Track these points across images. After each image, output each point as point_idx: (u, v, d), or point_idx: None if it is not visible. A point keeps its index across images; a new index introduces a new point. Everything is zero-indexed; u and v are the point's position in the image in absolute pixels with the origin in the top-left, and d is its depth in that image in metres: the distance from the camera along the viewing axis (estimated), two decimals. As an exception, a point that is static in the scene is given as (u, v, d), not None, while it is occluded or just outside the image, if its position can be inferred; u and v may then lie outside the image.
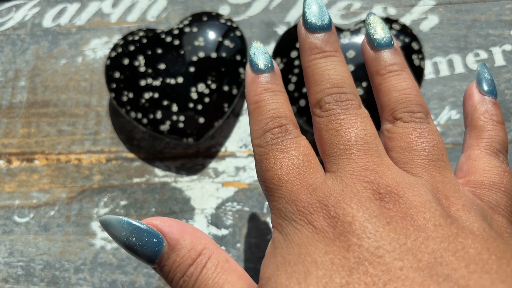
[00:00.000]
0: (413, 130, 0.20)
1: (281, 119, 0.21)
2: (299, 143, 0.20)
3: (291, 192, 0.19)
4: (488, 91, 0.23)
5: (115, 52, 0.38)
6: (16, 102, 0.41)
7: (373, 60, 0.23)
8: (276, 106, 0.21)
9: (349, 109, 0.20)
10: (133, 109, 0.37)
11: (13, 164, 0.39)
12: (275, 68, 0.23)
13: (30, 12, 0.45)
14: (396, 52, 0.23)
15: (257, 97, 0.22)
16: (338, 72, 0.21)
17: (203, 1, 0.44)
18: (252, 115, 0.22)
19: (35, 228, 0.37)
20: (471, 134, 0.23)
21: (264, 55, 0.23)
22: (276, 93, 0.22)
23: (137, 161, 0.39)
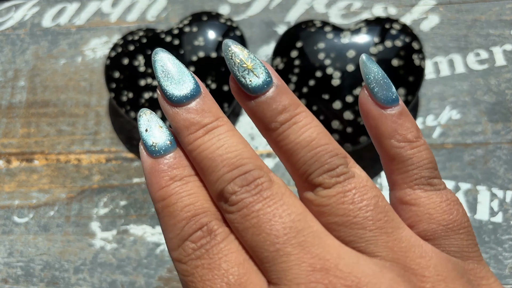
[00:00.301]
0: (342, 196, 0.16)
1: (200, 217, 0.16)
2: (228, 248, 0.16)
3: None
4: (386, 100, 0.18)
5: (114, 52, 0.38)
6: (15, 102, 0.41)
7: (256, 111, 0.18)
8: (190, 201, 0.17)
9: (261, 193, 0.16)
10: (133, 109, 0.37)
11: (12, 164, 0.39)
12: (177, 143, 0.18)
13: (30, 12, 0.45)
14: (280, 89, 0.18)
15: (162, 192, 0.17)
16: (230, 147, 0.17)
17: (203, 0, 0.43)
18: (162, 217, 0.17)
19: (34, 228, 0.37)
20: (390, 168, 0.18)
21: (159, 130, 0.18)
22: (185, 181, 0.17)
23: (137, 161, 0.38)
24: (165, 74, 0.18)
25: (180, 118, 0.17)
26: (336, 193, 0.16)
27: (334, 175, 0.17)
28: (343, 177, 0.17)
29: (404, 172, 0.18)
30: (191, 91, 0.17)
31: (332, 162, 0.17)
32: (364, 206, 0.16)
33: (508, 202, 0.35)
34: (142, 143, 0.18)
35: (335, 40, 0.37)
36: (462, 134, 0.37)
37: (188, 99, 0.17)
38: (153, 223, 0.36)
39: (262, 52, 0.41)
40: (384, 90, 0.18)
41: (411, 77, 0.35)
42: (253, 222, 0.16)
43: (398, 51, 0.36)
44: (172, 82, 0.18)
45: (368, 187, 0.17)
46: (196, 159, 0.17)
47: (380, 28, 0.37)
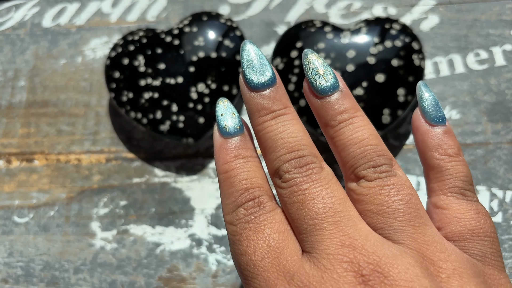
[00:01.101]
0: (381, 189, 0.19)
1: (254, 190, 0.19)
2: (274, 218, 0.19)
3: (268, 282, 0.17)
4: (435, 119, 0.21)
5: (114, 52, 0.38)
6: (15, 102, 0.41)
7: (320, 109, 0.21)
8: (248, 176, 0.20)
9: (311, 175, 0.19)
10: (132, 109, 0.37)
11: (12, 164, 0.39)
12: (245, 129, 0.21)
13: (30, 12, 0.45)
14: (344, 94, 0.20)
15: (226, 166, 0.20)
16: (292, 133, 0.20)
17: (203, 0, 0.43)
18: (222, 187, 0.20)
19: (34, 229, 0.37)
20: (430, 176, 0.21)
21: (232, 116, 0.21)
22: (247, 160, 0.20)
23: (137, 161, 0.38)
24: (249, 63, 0.20)
25: (254, 101, 0.20)
26: (376, 185, 0.19)
27: (377, 171, 0.19)
28: (385, 174, 0.19)
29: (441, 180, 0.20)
30: (268, 80, 0.20)
31: (378, 160, 0.19)
32: (398, 200, 0.18)
33: (508, 202, 0.35)
34: (216, 125, 0.21)
35: (335, 40, 0.37)
36: (462, 134, 0.37)
37: (264, 87, 0.20)
38: (153, 223, 0.36)
39: (262, 52, 0.41)
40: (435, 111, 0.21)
41: (411, 77, 0.35)
42: (299, 198, 0.18)
43: (398, 51, 0.36)
44: (253, 70, 0.20)
45: (405, 186, 0.19)
46: (261, 139, 0.20)
47: (380, 28, 0.37)
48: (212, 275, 0.35)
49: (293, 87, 0.36)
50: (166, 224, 0.36)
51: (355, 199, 0.19)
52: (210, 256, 0.35)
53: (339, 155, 0.20)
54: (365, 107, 0.35)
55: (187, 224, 0.36)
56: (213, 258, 0.35)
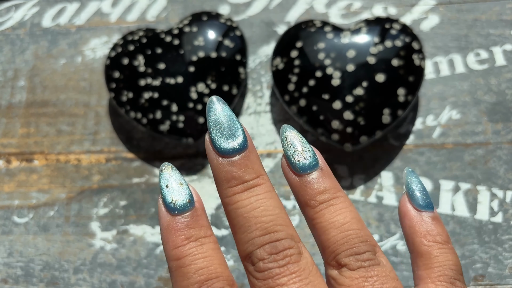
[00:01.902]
0: (364, 280, 0.17)
1: (213, 282, 0.17)
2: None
3: None
4: (423, 205, 0.20)
5: (114, 52, 0.38)
6: (15, 102, 0.41)
7: (299, 188, 0.19)
8: (204, 264, 0.17)
9: (288, 266, 0.17)
10: (132, 109, 0.37)
11: (12, 164, 0.39)
12: (196, 202, 0.18)
13: (30, 12, 0.45)
14: (324, 173, 0.19)
15: (177, 252, 0.17)
16: (266, 210, 0.18)
17: (203, 0, 0.43)
18: (174, 277, 0.17)
19: (34, 229, 0.37)
20: (418, 263, 0.20)
21: (180, 187, 0.18)
22: (201, 243, 0.17)
23: (137, 161, 0.38)
24: (217, 124, 0.18)
25: (223, 169, 0.18)
26: (359, 276, 0.17)
27: (360, 259, 0.18)
28: (368, 263, 0.18)
29: (430, 268, 0.19)
30: (238, 145, 0.18)
31: (360, 247, 0.18)
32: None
33: (508, 202, 0.35)
34: (161, 199, 0.18)
35: (335, 40, 0.36)
36: (462, 134, 0.37)
37: (235, 152, 0.18)
38: (152, 223, 0.36)
39: (262, 52, 0.41)
40: (423, 198, 0.21)
41: (411, 77, 0.35)
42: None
43: (398, 51, 0.36)
44: (222, 134, 0.18)
45: (390, 277, 0.18)
46: (230, 214, 0.18)
47: (380, 28, 0.37)
48: (212, 275, 0.35)
49: (293, 87, 0.36)
50: (166, 224, 0.36)
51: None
52: (210, 256, 0.35)
53: (318, 239, 0.19)
54: (365, 107, 0.35)
55: (187, 224, 0.36)
56: (213, 258, 0.35)
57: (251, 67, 0.41)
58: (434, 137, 0.37)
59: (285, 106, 0.36)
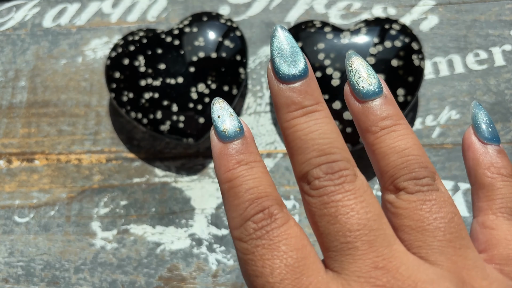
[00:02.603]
0: (422, 204, 0.17)
1: (263, 200, 0.17)
2: (288, 232, 0.17)
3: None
4: (489, 138, 0.20)
5: (115, 52, 0.38)
6: (16, 102, 0.41)
7: (361, 114, 0.19)
8: (254, 184, 0.18)
9: (343, 184, 0.17)
10: (133, 109, 0.37)
11: (13, 164, 0.39)
12: (246, 131, 0.19)
13: (30, 12, 0.45)
14: (388, 100, 0.19)
15: (229, 174, 0.18)
16: (324, 133, 0.18)
17: (203, 1, 0.44)
18: (227, 198, 0.18)
19: (35, 228, 0.37)
20: (479, 195, 0.20)
21: (230, 118, 0.19)
22: (251, 166, 0.18)
23: (137, 161, 0.39)
24: (280, 51, 0.19)
25: (283, 95, 0.18)
26: (417, 199, 0.17)
27: (419, 183, 0.18)
28: (427, 188, 0.18)
29: (492, 199, 0.19)
30: (299, 72, 0.18)
31: (420, 172, 0.18)
32: (439, 217, 0.17)
33: (507, 202, 0.35)
34: (214, 128, 0.19)
35: (335, 41, 0.37)
36: (462, 134, 0.37)
37: (295, 79, 0.18)
38: (153, 223, 0.37)
39: (262, 52, 0.41)
40: (490, 131, 0.20)
41: (411, 77, 0.35)
42: (331, 211, 0.17)
43: (398, 52, 0.36)
44: (284, 59, 0.18)
45: (448, 203, 0.18)
46: (289, 137, 0.18)
47: (380, 29, 0.37)
48: (212, 274, 0.35)
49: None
50: (166, 224, 0.36)
51: (392, 212, 0.18)
52: (210, 256, 0.35)
53: (377, 164, 0.19)
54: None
55: (187, 224, 0.36)
56: (213, 258, 0.35)
57: (251, 68, 0.41)
58: (433, 137, 0.37)
59: (285, 106, 0.37)
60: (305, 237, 0.17)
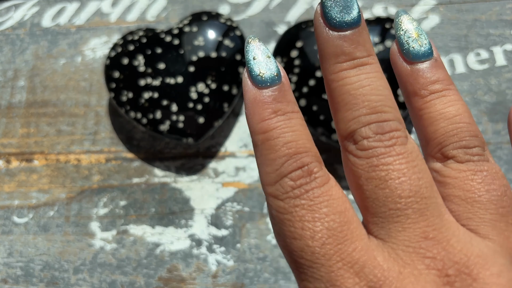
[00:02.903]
0: (473, 174, 0.16)
1: (302, 156, 0.16)
2: (330, 193, 0.16)
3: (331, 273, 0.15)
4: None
5: (114, 51, 0.38)
6: (15, 102, 0.41)
7: (409, 76, 0.18)
8: (292, 138, 0.16)
9: (395, 147, 0.16)
10: (132, 109, 0.37)
11: (12, 164, 0.39)
12: (283, 77, 0.17)
13: (29, 12, 0.45)
14: (438, 64, 0.18)
15: (264, 125, 0.16)
16: (376, 89, 0.16)
17: (203, 0, 0.43)
18: (260, 150, 0.16)
19: (34, 229, 0.37)
20: None
21: (268, 60, 0.17)
22: (289, 117, 0.16)
23: (137, 161, 0.38)
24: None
25: (332, 43, 0.17)
26: (467, 169, 0.16)
27: (469, 153, 0.17)
28: (477, 158, 0.17)
29: None
30: (352, 19, 0.17)
31: (471, 141, 0.17)
32: (492, 189, 0.16)
33: (508, 202, 0.35)
34: (247, 71, 0.17)
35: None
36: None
37: (348, 26, 0.17)
38: (152, 223, 0.36)
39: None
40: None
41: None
42: (381, 174, 0.15)
43: (398, 51, 0.36)
44: (336, 4, 0.17)
45: (500, 175, 0.17)
46: (335, 91, 0.17)
47: (380, 28, 0.37)
48: (212, 275, 0.35)
49: (293, 87, 0.36)
50: (166, 224, 0.36)
51: (440, 181, 0.17)
52: (210, 256, 0.35)
53: (424, 130, 0.17)
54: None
55: (187, 224, 0.36)
56: (213, 258, 0.35)
57: (251, 67, 0.41)
58: (434, 137, 0.37)
59: (285, 106, 0.36)
60: (346, 200, 0.16)
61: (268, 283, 0.34)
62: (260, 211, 0.36)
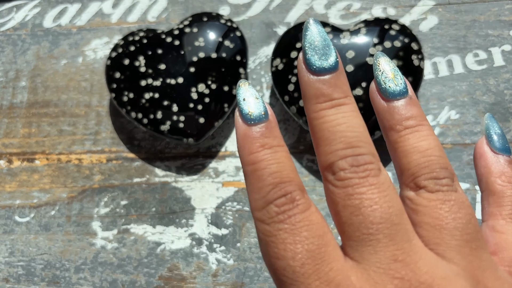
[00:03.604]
0: (442, 203, 0.18)
1: (286, 185, 0.18)
2: (310, 219, 0.17)
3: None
4: (500, 149, 0.21)
5: (115, 52, 0.38)
6: (16, 102, 0.42)
7: (386, 112, 0.20)
8: (278, 169, 0.18)
9: (368, 178, 0.17)
10: (133, 109, 0.37)
11: (13, 164, 0.39)
12: (270, 115, 0.19)
13: (31, 13, 0.45)
14: (412, 101, 0.20)
15: (253, 157, 0.18)
16: (352, 127, 0.18)
17: (203, 1, 0.44)
18: (250, 180, 0.18)
19: (35, 228, 0.37)
20: (489, 201, 0.21)
21: (256, 101, 0.19)
22: (275, 150, 0.18)
23: (138, 161, 0.39)
24: (312, 43, 0.19)
25: (313, 86, 0.19)
26: (437, 198, 0.18)
27: (439, 183, 0.18)
28: (446, 188, 0.18)
29: (502, 205, 0.20)
30: (330, 65, 0.19)
31: (441, 172, 0.18)
32: (458, 217, 0.18)
33: (506, 201, 0.35)
34: (239, 110, 0.19)
35: (335, 41, 0.37)
36: (461, 134, 0.37)
37: (326, 71, 0.19)
38: (153, 223, 0.37)
39: (262, 52, 0.41)
40: (502, 142, 0.22)
41: (410, 78, 0.36)
42: (355, 202, 0.17)
43: (397, 52, 0.36)
44: (316, 53, 0.19)
45: (466, 205, 0.18)
46: (316, 128, 0.19)
47: (379, 29, 0.37)
48: (212, 274, 0.35)
49: (293, 88, 0.36)
50: (166, 223, 0.37)
51: (412, 208, 0.18)
52: (210, 255, 0.35)
53: (399, 161, 0.19)
54: (365, 107, 0.35)
55: (187, 224, 0.36)
56: (213, 257, 0.35)
57: (251, 68, 0.41)
58: (433, 137, 0.37)
59: (285, 106, 0.37)
60: (325, 224, 0.18)
61: (268, 282, 0.35)
62: (260, 211, 0.36)
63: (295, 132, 0.39)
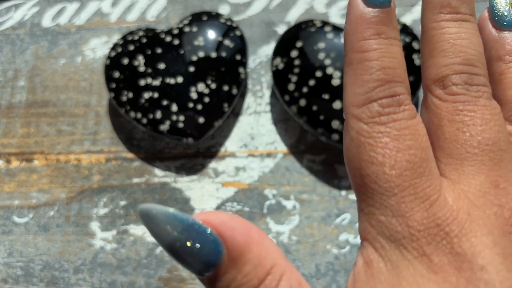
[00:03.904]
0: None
1: (396, 84, 0.16)
2: (417, 128, 0.16)
3: (401, 204, 0.15)
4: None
5: (114, 51, 0.38)
6: (15, 102, 0.41)
7: (495, 42, 0.18)
8: (391, 64, 0.16)
9: (480, 99, 0.16)
10: (132, 109, 0.37)
11: (12, 164, 0.39)
12: (393, 3, 0.17)
13: (30, 12, 0.45)
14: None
15: (365, 44, 0.16)
16: (473, 44, 0.17)
17: (203, 0, 0.43)
18: (354, 69, 0.16)
19: (34, 228, 0.37)
20: None
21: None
22: (391, 43, 0.16)
23: (137, 161, 0.38)
24: None
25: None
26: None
27: None
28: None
29: None
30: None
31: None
32: None
33: (508, 202, 0.35)
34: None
35: (335, 40, 0.36)
36: (462, 134, 0.37)
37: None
38: (153, 223, 0.36)
39: (262, 52, 0.41)
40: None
41: (411, 77, 0.35)
42: (465, 119, 0.16)
43: (398, 51, 0.36)
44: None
45: None
46: (433, 38, 0.17)
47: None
48: (212, 275, 0.35)
49: (293, 87, 0.36)
50: (166, 224, 0.36)
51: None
52: (210, 256, 0.35)
53: (503, 93, 0.18)
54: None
55: (187, 224, 0.36)
56: (213, 258, 0.35)
57: (251, 67, 0.41)
58: (434, 137, 0.37)
59: (285, 106, 0.36)
60: (428, 140, 0.16)
61: (268, 283, 0.34)
62: (260, 211, 0.36)
63: (295, 132, 0.38)
